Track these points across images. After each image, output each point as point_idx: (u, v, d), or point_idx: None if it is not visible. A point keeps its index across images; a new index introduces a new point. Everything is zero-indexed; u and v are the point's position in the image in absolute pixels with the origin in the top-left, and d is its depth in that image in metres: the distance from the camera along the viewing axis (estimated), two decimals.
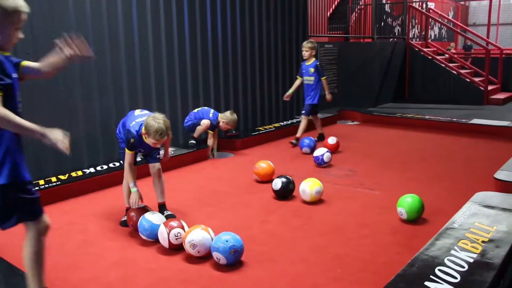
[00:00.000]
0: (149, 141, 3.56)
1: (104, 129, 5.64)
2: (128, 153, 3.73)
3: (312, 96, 6.72)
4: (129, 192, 3.78)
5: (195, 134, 6.13)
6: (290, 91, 6.91)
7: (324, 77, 6.67)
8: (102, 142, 5.63)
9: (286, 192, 4.42)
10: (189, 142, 6.20)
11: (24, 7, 2.36)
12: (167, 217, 3.78)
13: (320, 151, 5.53)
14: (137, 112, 3.92)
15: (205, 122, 5.98)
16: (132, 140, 3.64)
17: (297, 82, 6.92)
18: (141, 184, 5.00)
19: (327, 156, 5.49)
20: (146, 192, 4.61)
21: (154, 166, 3.90)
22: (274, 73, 8.18)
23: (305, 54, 6.63)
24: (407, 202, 3.78)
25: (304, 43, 6.69)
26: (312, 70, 6.63)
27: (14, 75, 2.41)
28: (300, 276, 3.01)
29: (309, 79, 6.68)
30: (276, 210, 4.18)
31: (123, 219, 3.88)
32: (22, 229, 3.77)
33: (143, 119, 3.62)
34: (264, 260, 3.24)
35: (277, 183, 4.40)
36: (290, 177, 4.48)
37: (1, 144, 2.35)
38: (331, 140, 6.22)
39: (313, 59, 6.68)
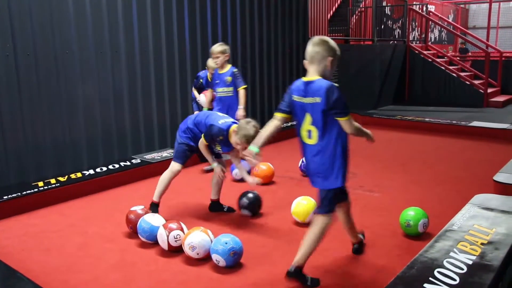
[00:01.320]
0: (233, 139, 3.68)
1: (104, 130, 5.64)
2: (203, 142, 3.86)
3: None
4: (166, 186, 3.98)
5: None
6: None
7: (245, 87, 5.37)
8: (101, 144, 5.63)
9: (255, 208, 4.14)
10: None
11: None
12: (228, 209, 4.16)
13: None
14: (219, 113, 4.04)
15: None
16: (221, 137, 3.75)
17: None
18: (140, 184, 5.02)
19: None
20: (145, 193, 4.62)
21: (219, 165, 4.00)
22: (274, 75, 8.18)
23: (217, 61, 5.25)
24: (411, 216, 3.60)
25: (213, 48, 5.27)
26: (229, 79, 5.31)
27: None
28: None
29: (226, 91, 5.33)
30: (276, 212, 4.18)
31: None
32: (19, 231, 3.77)
33: (232, 120, 3.84)
34: (263, 262, 3.23)
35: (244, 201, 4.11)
36: (256, 193, 4.16)
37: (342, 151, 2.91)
38: None
39: (229, 65, 5.36)
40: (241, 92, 5.32)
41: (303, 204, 3.90)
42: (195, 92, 5.94)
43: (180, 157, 3.96)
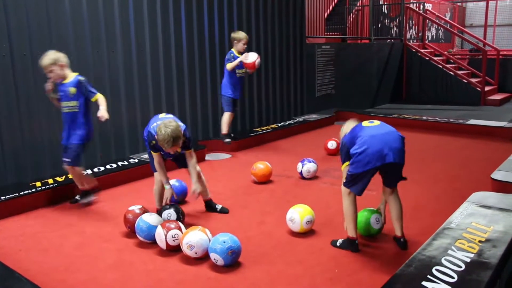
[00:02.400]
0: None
1: (101, 131, 5.63)
2: (154, 155, 3.80)
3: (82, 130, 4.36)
4: (161, 194, 3.95)
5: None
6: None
7: (97, 96, 4.26)
8: (99, 144, 5.62)
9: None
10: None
11: None
12: (221, 210, 4.09)
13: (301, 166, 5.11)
14: (162, 115, 3.94)
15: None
16: (153, 142, 3.68)
17: None
18: (138, 184, 5.01)
19: (306, 169, 5.07)
20: (143, 193, 4.62)
21: (189, 167, 3.91)
22: (271, 74, 8.18)
23: (52, 75, 4.16)
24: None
25: (42, 61, 4.13)
26: (72, 90, 4.17)
27: None
28: (297, 277, 3.01)
29: (70, 106, 4.24)
30: (274, 212, 4.18)
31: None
32: (18, 234, 3.77)
33: (158, 122, 3.65)
34: (261, 261, 3.23)
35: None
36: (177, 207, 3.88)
37: None
38: (331, 145, 6.08)
39: (73, 74, 4.23)
40: (99, 99, 4.26)
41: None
42: None
43: (154, 167, 3.92)
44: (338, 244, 3.39)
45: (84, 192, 4.44)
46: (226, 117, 6.30)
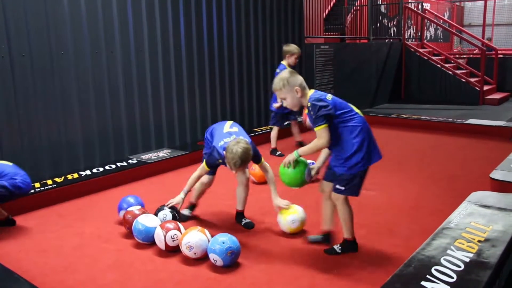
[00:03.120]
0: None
1: (100, 131, 5.63)
2: (203, 167, 3.72)
3: None
4: (200, 190, 3.96)
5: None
6: None
7: None
8: (98, 144, 5.62)
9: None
10: None
11: None
12: (246, 225, 3.84)
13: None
14: (226, 128, 3.79)
15: None
16: (219, 161, 3.61)
17: None
18: (137, 184, 5.01)
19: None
20: (142, 193, 4.61)
21: (241, 176, 3.84)
22: (270, 73, 8.17)
23: None
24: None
25: None
26: None
27: None
28: (297, 277, 3.01)
29: None
30: (273, 211, 4.16)
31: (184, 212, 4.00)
32: (17, 235, 3.76)
33: (230, 140, 3.55)
34: (261, 262, 3.23)
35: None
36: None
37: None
38: None
39: None
40: None
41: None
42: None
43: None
44: (339, 250, 3.31)
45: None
46: (274, 132, 6.23)
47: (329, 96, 3.13)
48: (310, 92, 3.11)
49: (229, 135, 3.66)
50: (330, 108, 3.03)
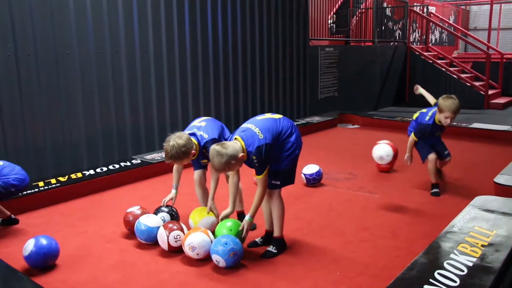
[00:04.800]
0: None
1: (104, 131, 5.65)
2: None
3: None
4: (202, 194, 3.86)
5: None
6: None
7: None
8: (102, 144, 5.63)
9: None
10: None
11: None
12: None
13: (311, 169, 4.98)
14: (197, 122, 3.77)
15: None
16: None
17: None
18: (140, 184, 5.02)
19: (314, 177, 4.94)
20: (145, 194, 4.62)
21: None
22: (274, 75, 8.18)
23: None
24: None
25: None
26: None
27: None
28: (299, 279, 3.01)
29: None
30: None
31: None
32: (20, 234, 3.78)
33: (187, 132, 3.57)
34: (263, 263, 3.23)
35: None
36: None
37: None
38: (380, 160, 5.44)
39: None
40: None
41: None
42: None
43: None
44: (275, 251, 3.32)
45: None
46: (430, 165, 4.72)
47: (261, 135, 3.12)
48: (238, 144, 3.09)
49: (191, 128, 3.65)
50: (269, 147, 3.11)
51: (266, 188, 3.23)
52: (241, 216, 3.90)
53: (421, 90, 5.38)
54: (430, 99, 5.13)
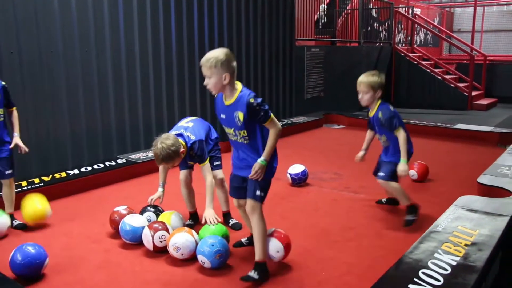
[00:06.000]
0: None
1: (89, 130, 5.60)
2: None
3: None
4: (188, 196, 3.87)
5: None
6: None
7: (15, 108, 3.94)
8: (86, 143, 5.59)
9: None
10: None
11: None
12: (233, 226, 3.81)
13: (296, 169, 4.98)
14: (183, 122, 3.72)
15: None
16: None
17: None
18: (125, 184, 4.98)
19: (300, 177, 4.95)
20: (130, 193, 4.59)
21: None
22: (260, 75, 8.19)
23: None
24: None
25: None
26: None
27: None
28: (286, 279, 3.01)
29: None
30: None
31: (186, 222, 3.82)
32: (5, 232, 3.72)
33: (174, 133, 3.52)
34: (249, 263, 3.22)
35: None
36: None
37: None
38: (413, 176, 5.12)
39: None
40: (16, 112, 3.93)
41: None
42: None
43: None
44: (256, 276, 2.92)
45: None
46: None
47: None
48: (240, 87, 3.04)
49: (178, 129, 3.61)
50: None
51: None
52: (226, 216, 3.91)
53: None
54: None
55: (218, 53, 2.84)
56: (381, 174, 3.95)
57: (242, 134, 2.92)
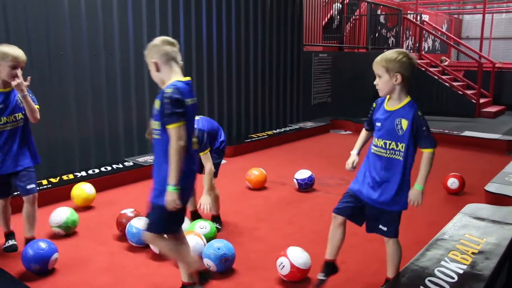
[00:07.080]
0: None
1: (97, 133, 5.63)
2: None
3: None
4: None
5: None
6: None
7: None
8: (94, 145, 5.61)
9: None
10: None
11: None
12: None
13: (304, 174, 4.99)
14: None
15: None
16: None
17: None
18: (132, 187, 5.00)
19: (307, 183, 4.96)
20: (137, 196, 4.60)
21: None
22: (268, 80, 8.20)
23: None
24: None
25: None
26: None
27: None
28: (291, 284, 3.01)
29: (13, 121, 3.54)
30: (268, 218, 4.18)
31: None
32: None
33: None
34: (255, 267, 3.23)
35: None
36: None
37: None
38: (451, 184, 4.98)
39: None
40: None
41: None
42: None
43: None
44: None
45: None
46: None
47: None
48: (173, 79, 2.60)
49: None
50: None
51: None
52: (215, 219, 3.92)
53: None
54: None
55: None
56: (383, 229, 2.88)
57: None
